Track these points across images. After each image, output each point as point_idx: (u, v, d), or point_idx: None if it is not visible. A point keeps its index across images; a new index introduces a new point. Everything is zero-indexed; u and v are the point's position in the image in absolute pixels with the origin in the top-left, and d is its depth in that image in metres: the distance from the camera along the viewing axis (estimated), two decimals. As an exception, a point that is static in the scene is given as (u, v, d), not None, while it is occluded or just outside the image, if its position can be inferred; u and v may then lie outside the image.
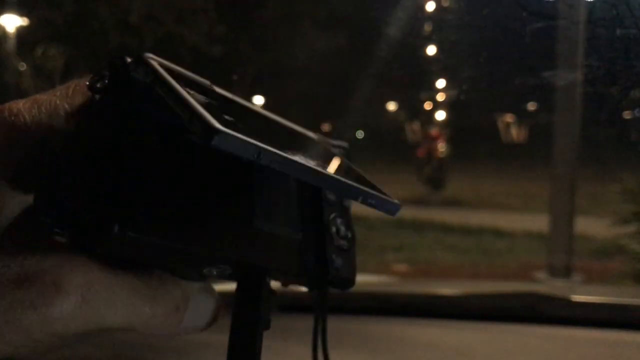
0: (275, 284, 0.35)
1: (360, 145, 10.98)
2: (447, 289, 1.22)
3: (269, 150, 0.26)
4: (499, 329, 1.06)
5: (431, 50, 6.12)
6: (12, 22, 7.82)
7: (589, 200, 4.88)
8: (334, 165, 0.33)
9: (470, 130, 8.66)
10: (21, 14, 7.89)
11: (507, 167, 8.20)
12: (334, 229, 0.38)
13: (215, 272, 0.32)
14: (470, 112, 8.48)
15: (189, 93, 0.28)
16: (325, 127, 12.48)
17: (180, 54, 9.07)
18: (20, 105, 0.32)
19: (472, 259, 4.64)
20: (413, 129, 9.01)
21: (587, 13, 2.83)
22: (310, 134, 0.39)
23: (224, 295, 0.35)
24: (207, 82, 0.33)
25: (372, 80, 7.35)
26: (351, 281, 0.38)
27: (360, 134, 11.71)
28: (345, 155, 0.40)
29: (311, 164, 0.29)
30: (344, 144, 0.41)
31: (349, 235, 0.39)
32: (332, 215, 0.38)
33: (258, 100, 11.99)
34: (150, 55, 0.30)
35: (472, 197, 7.63)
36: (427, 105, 8.21)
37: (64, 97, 0.33)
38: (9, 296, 0.27)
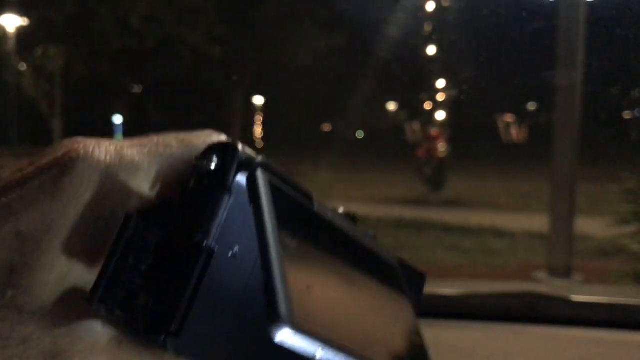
0: None
1: (361, 145, 10.98)
2: (447, 289, 1.22)
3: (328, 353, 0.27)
4: (499, 329, 1.06)
5: (431, 50, 6.14)
6: (12, 22, 7.83)
7: (589, 200, 4.88)
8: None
9: (470, 130, 8.66)
10: (21, 14, 7.90)
11: (507, 167, 8.20)
12: None
13: None
14: (470, 112, 8.48)
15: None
16: (326, 127, 12.49)
17: (180, 54, 9.08)
18: (102, 155, 0.29)
19: (472, 259, 4.64)
20: (413, 129, 9.01)
21: (587, 13, 2.83)
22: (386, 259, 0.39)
23: None
24: (310, 192, 0.32)
25: (372, 80, 7.36)
26: None
27: (360, 134, 11.72)
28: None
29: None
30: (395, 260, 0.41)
31: None
32: None
33: (258, 100, 12.00)
34: (265, 162, 0.29)
35: (472, 197, 7.63)
36: (427, 105, 8.22)
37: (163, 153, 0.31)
38: None
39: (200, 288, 0.27)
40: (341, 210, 0.37)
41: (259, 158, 0.29)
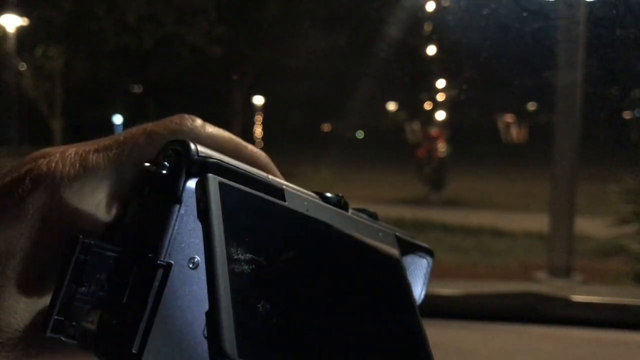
0: None
1: (361, 145, 10.98)
2: (447, 289, 1.22)
3: None
4: (499, 329, 1.06)
5: (431, 50, 6.13)
6: (12, 22, 7.82)
7: (589, 200, 4.87)
8: None
9: (470, 130, 8.66)
10: (21, 14, 7.89)
11: (507, 167, 8.19)
12: None
13: None
14: (470, 112, 8.46)
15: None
16: (326, 127, 12.47)
17: (180, 54, 9.08)
18: (66, 169, 0.27)
19: (472, 259, 4.63)
20: (413, 129, 9.01)
21: (587, 13, 2.83)
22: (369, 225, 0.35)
23: None
24: (280, 186, 0.30)
25: (372, 80, 7.36)
26: None
27: (360, 134, 11.71)
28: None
29: None
30: (391, 228, 0.37)
31: None
32: None
33: (258, 100, 11.99)
34: (218, 163, 0.27)
35: (472, 197, 7.63)
36: (427, 105, 8.21)
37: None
38: None
39: (160, 306, 0.26)
40: (329, 195, 0.34)
41: (212, 159, 0.27)
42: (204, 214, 0.25)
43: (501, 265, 4.52)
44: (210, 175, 0.26)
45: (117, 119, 12.29)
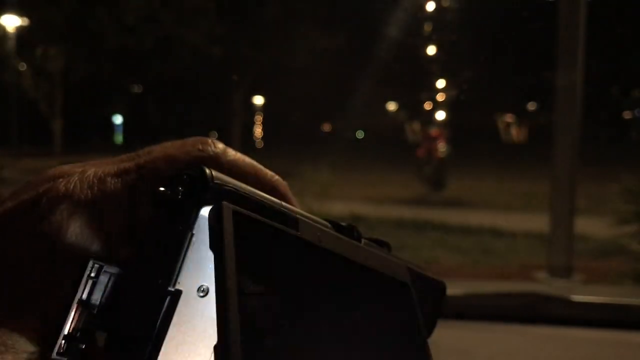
0: None
1: (361, 145, 10.99)
2: (447, 289, 1.22)
3: None
4: (499, 329, 1.07)
5: (431, 50, 6.14)
6: (12, 22, 7.83)
7: (589, 200, 4.88)
8: None
9: (470, 130, 8.67)
10: (21, 14, 7.90)
11: (507, 167, 8.20)
12: None
13: None
14: (470, 112, 8.48)
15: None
16: (326, 127, 12.49)
17: (180, 54, 9.09)
18: (84, 193, 0.28)
19: (472, 259, 4.63)
20: (413, 129, 9.02)
21: (587, 13, 2.84)
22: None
23: None
24: (294, 215, 0.30)
25: (372, 80, 7.36)
26: None
27: (360, 134, 11.73)
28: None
29: None
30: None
31: None
32: None
33: (258, 100, 12.01)
34: (233, 190, 0.27)
35: (472, 197, 7.63)
36: (427, 105, 8.21)
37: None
38: None
39: (167, 332, 0.25)
40: (342, 224, 0.34)
41: (227, 187, 0.27)
42: (216, 243, 0.25)
43: (501, 265, 4.52)
44: (224, 203, 0.26)
45: (117, 119, 12.30)
